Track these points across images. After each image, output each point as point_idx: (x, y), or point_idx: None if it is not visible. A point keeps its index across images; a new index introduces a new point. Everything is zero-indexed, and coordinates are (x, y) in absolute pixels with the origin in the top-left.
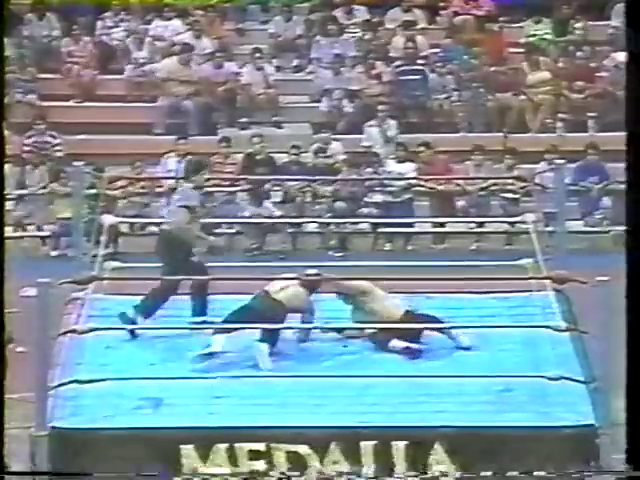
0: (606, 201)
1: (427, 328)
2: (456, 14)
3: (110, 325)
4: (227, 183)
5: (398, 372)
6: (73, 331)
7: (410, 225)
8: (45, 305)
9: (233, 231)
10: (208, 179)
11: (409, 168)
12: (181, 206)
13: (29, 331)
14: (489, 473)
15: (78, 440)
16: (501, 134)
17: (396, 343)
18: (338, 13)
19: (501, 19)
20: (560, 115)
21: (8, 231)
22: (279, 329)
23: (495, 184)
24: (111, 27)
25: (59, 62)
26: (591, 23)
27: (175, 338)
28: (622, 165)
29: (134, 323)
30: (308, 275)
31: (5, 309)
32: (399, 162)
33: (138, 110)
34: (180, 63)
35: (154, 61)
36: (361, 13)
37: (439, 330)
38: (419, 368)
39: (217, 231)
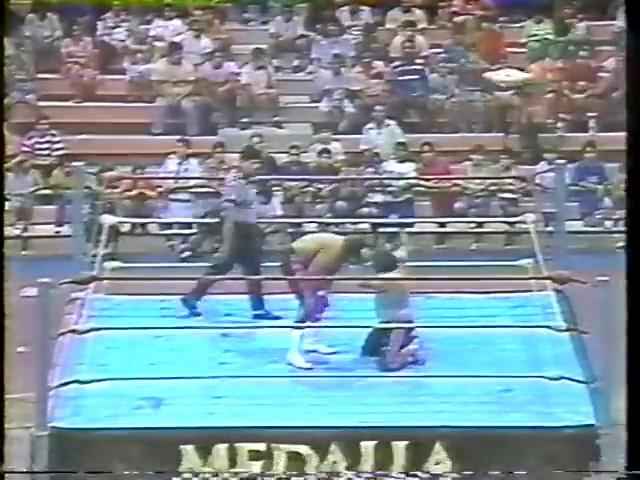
0: (606, 201)
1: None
2: (456, 14)
3: (110, 325)
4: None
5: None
6: (73, 331)
7: (410, 225)
8: (45, 305)
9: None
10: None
11: (409, 168)
12: (231, 200)
13: (29, 331)
14: (470, 473)
15: (78, 440)
16: (501, 134)
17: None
18: (338, 13)
19: (501, 19)
20: (561, 115)
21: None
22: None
23: (495, 184)
24: (112, 27)
25: (59, 62)
26: (592, 23)
27: None
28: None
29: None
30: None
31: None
32: (399, 162)
33: (138, 110)
34: (171, 63)
35: (154, 61)
36: (361, 13)
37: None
38: (419, 368)
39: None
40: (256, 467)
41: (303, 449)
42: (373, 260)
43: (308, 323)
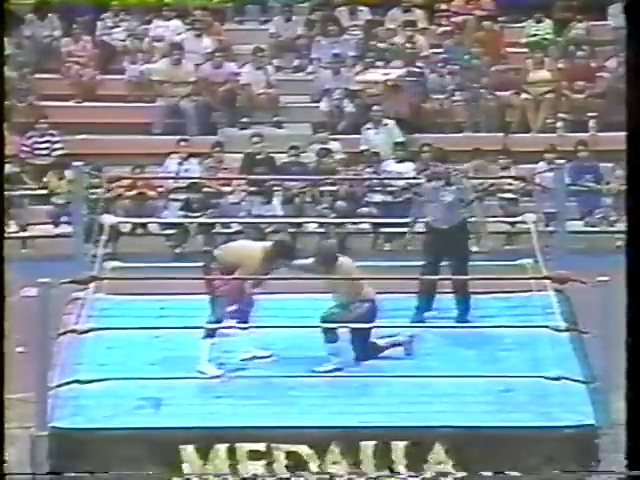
0: (606, 200)
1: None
2: (456, 14)
3: (110, 325)
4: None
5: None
6: (73, 331)
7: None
8: (45, 305)
9: (232, 230)
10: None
11: (408, 168)
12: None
13: (29, 331)
14: (461, 474)
15: (78, 440)
16: (501, 134)
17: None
18: (338, 13)
19: (501, 19)
20: (560, 115)
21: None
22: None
23: (495, 184)
24: (111, 27)
25: (59, 62)
26: (591, 23)
27: None
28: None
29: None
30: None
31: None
32: (398, 162)
33: (138, 110)
34: (171, 63)
35: (154, 61)
36: (362, 13)
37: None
38: (419, 368)
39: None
40: (256, 467)
41: (303, 449)
42: (315, 254)
43: (240, 327)
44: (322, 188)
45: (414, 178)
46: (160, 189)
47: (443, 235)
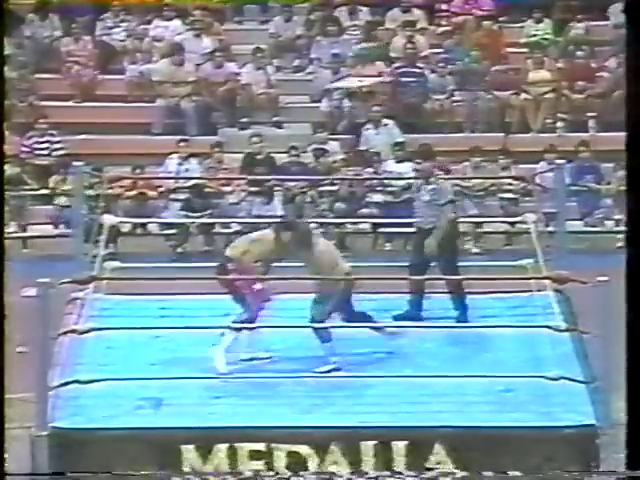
0: (606, 201)
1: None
2: (456, 14)
3: (110, 325)
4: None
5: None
6: (73, 331)
7: (410, 225)
8: (45, 305)
9: (232, 230)
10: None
11: (408, 168)
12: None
13: (29, 331)
14: (461, 474)
15: (78, 440)
16: (501, 134)
17: None
18: (338, 13)
19: (501, 19)
20: (560, 115)
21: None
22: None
23: (495, 184)
24: (111, 27)
25: (59, 62)
26: (591, 23)
27: None
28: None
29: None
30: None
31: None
32: (398, 162)
33: (138, 110)
34: (173, 64)
35: (154, 61)
36: (362, 13)
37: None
38: (419, 368)
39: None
40: (256, 467)
41: (303, 449)
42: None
43: (249, 325)
44: (322, 188)
45: (414, 178)
46: (160, 189)
47: (429, 235)
